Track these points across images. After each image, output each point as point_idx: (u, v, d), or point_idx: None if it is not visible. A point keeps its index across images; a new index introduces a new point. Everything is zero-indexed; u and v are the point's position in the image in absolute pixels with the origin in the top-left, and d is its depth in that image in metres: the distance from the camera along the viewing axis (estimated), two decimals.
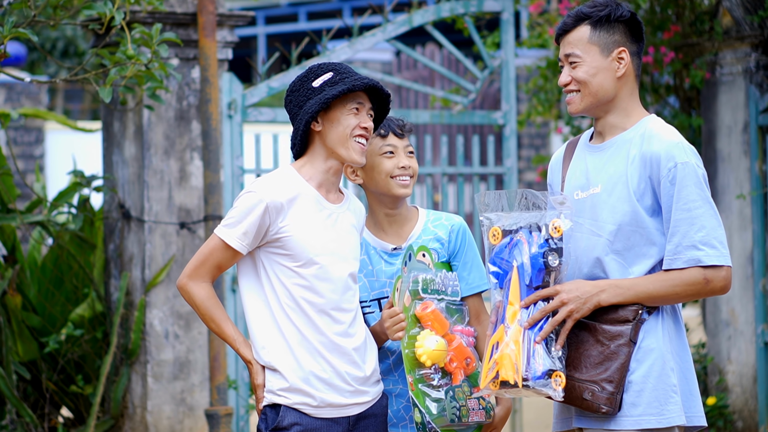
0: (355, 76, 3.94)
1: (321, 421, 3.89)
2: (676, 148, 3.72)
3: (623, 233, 3.73)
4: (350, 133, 3.91)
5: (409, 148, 4.13)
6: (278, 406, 3.89)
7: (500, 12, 7.81)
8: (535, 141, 17.86)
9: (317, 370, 3.86)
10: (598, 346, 3.69)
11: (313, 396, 3.86)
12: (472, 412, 3.97)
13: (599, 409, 3.65)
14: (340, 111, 3.92)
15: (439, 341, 3.92)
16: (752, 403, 7.84)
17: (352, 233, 3.99)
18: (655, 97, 8.43)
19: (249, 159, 7.40)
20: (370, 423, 3.97)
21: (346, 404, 3.90)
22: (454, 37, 10.00)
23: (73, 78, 6.17)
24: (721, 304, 7.94)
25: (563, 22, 3.85)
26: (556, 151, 4.03)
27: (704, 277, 3.67)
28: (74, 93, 23.12)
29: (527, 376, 3.61)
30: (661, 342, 3.70)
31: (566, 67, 3.83)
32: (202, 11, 6.78)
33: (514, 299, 3.69)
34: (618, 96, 3.81)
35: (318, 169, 3.95)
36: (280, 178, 3.93)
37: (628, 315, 3.68)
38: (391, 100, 4.03)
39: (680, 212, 3.68)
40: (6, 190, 6.83)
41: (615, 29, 3.79)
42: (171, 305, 6.82)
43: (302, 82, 3.96)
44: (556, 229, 3.69)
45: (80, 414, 7.02)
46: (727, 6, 7.88)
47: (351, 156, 3.92)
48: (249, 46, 23.90)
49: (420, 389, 3.90)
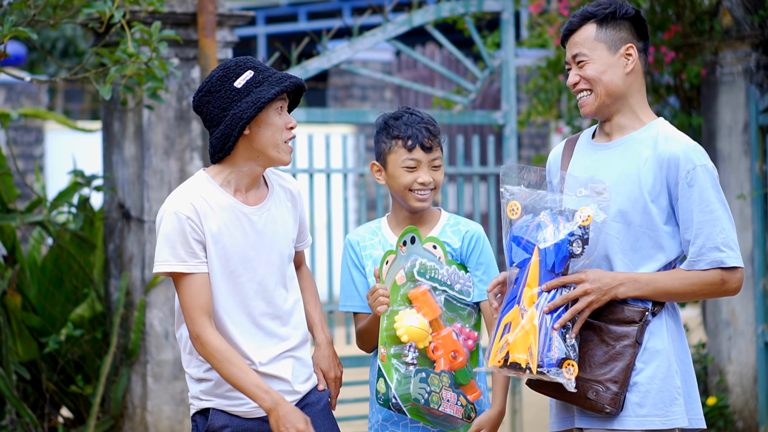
0: (276, 74, 3.82)
1: (252, 421, 3.84)
2: (694, 151, 3.73)
3: (632, 232, 3.73)
4: (281, 136, 3.80)
5: (435, 161, 4.06)
6: (206, 411, 3.84)
7: (500, 12, 7.80)
8: (535, 141, 17.86)
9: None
10: (603, 346, 3.68)
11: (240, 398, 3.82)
12: (446, 402, 3.90)
13: (603, 409, 3.65)
14: (269, 113, 3.80)
15: (421, 320, 3.87)
16: (752, 403, 7.84)
17: (281, 225, 3.91)
18: (656, 97, 8.42)
19: None
20: (307, 412, 3.89)
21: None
22: (454, 37, 10.00)
23: (73, 77, 6.17)
24: (722, 305, 7.94)
25: (569, 22, 3.83)
26: (554, 148, 4.01)
27: (722, 278, 3.70)
28: (74, 93, 23.11)
29: (542, 363, 3.59)
30: (667, 344, 3.71)
31: (573, 68, 3.81)
32: (202, 11, 6.78)
33: (533, 282, 3.66)
34: (628, 93, 3.80)
35: (240, 173, 3.83)
36: (191, 190, 3.79)
37: (635, 316, 3.68)
38: (305, 90, 3.89)
39: (702, 214, 3.69)
40: (6, 190, 6.83)
41: (621, 26, 3.79)
42: (171, 305, 6.81)
43: (221, 81, 3.79)
44: (587, 217, 3.66)
45: (80, 414, 7.02)
46: (728, 6, 7.88)
47: (281, 158, 3.82)
48: (249, 46, 23.89)
49: (391, 363, 3.86)
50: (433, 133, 4.06)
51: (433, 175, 4.07)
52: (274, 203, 3.91)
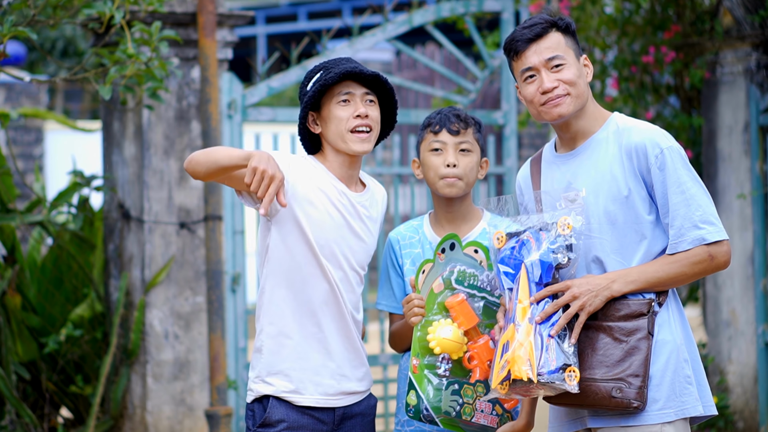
0: (335, 69, 3.89)
1: (308, 417, 3.86)
2: (657, 134, 3.76)
3: (619, 230, 3.74)
4: (345, 126, 3.89)
5: (463, 145, 4.08)
6: (265, 400, 3.86)
7: (500, 12, 7.80)
8: (535, 141, 17.85)
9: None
10: (617, 344, 3.68)
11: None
12: (480, 413, 3.89)
13: (630, 404, 3.64)
14: (330, 107, 3.90)
15: (454, 332, 3.85)
16: (753, 403, 7.84)
17: (371, 222, 4.00)
18: (656, 97, 8.42)
19: None
20: (357, 422, 3.94)
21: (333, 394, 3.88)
22: (455, 36, 9.99)
23: (72, 77, 6.16)
24: (722, 305, 7.94)
25: (529, 29, 3.87)
26: (520, 170, 4.02)
27: (709, 253, 3.71)
28: (74, 93, 23.11)
29: (542, 371, 3.58)
30: (675, 334, 3.73)
31: (545, 72, 3.82)
32: (202, 11, 6.78)
33: (524, 296, 3.67)
34: (588, 100, 3.85)
35: (332, 165, 3.95)
36: (307, 159, 3.95)
37: (642, 308, 3.69)
38: (386, 79, 3.96)
39: (676, 195, 3.71)
40: (6, 190, 6.82)
41: (574, 38, 3.87)
42: (171, 305, 6.81)
43: (301, 87, 3.97)
44: (566, 226, 3.68)
45: (80, 414, 7.01)
46: (728, 6, 7.87)
47: (349, 147, 3.90)
48: (249, 46, 23.90)
49: (424, 374, 3.85)
50: (462, 119, 4.08)
51: (461, 158, 4.06)
52: (370, 198, 4.01)
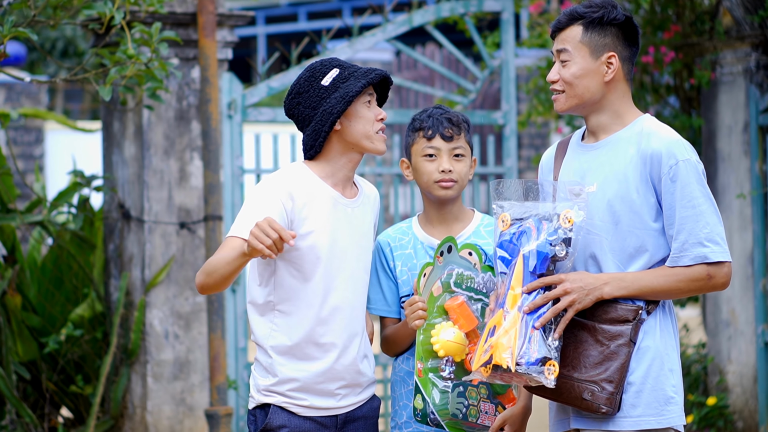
0: (361, 69, 3.92)
1: (310, 422, 3.87)
2: (677, 145, 3.70)
3: (620, 232, 3.72)
4: (372, 127, 3.90)
5: (456, 150, 4.05)
6: (267, 407, 3.88)
7: (500, 12, 7.80)
8: (535, 141, 17.85)
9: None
10: (597, 346, 3.66)
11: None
12: (484, 414, 3.90)
13: (599, 409, 3.63)
14: (357, 106, 3.90)
15: (457, 334, 3.86)
16: (752, 403, 7.84)
17: (368, 223, 3.99)
18: (655, 97, 8.43)
19: (249, 159, 7.40)
20: (359, 425, 3.95)
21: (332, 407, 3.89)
22: (455, 37, 9.99)
23: (73, 78, 6.17)
24: (722, 304, 7.94)
25: (558, 19, 3.82)
26: (547, 150, 4.00)
27: (708, 273, 3.66)
28: (74, 93, 23.11)
29: (521, 361, 3.57)
30: (659, 342, 3.69)
31: (557, 63, 3.80)
32: (202, 11, 6.78)
33: (517, 284, 3.66)
34: (606, 98, 3.77)
35: (337, 166, 3.93)
36: (294, 174, 3.89)
37: (628, 315, 3.66)
38: (392, 84, 4.02)
39: (685, 209, 3.66)
40: (6, 190, 6.83)
41: (607, 32, 3.75)
42: (171, 305, 6.81)
43: (309, 82, 3.91)
44: (567, 219, 3.66)
45: (80, 414, 7.02)
46: (728, 6, 7.88)
47: (376, 147, 3.92)
48: (249, 46, 23.90)
49: (429, 378, 3.86)
50: (455, 123, 4.06)
51: (455, 164, 4.05)
52: (363, 202, 4.00)
